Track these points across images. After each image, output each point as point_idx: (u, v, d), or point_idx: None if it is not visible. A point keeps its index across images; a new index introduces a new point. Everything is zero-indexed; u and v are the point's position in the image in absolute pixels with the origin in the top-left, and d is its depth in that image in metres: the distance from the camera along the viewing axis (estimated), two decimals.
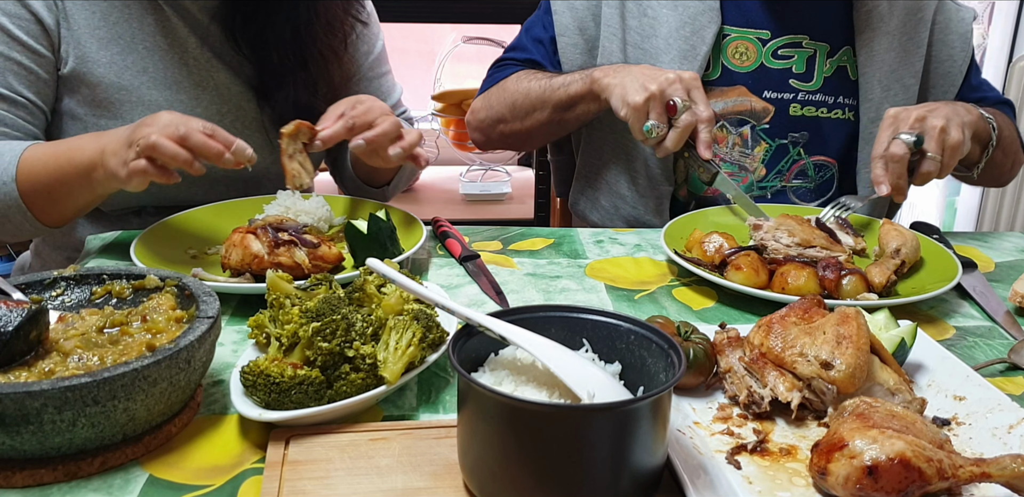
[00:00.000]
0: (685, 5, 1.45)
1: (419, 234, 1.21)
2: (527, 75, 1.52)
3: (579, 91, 1.41)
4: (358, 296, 0.90)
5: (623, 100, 1.29)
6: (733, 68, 1.47)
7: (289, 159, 1.21)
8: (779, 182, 1.52)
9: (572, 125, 1.53)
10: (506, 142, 1.65)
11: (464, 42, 2.82)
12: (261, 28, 1.33)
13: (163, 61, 1.31)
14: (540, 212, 2.78)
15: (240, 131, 1.36)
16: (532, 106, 1.48)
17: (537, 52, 1.57)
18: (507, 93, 1.52)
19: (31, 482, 0.73)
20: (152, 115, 1.09)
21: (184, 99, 1.32)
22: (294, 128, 1.21)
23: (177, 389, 0.77)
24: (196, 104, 1.33)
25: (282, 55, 1.35)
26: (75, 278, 0.92)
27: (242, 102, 1.38)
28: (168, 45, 1.31)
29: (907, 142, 1.24)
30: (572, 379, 0.70)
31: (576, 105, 1.44)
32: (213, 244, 1.22)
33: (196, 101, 1.33)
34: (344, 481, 0.72)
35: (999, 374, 0.97)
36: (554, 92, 1.44)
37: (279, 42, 1.34)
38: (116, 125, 1.26)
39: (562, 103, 1.44)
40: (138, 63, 1.30)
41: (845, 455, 0.69)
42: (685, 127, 1.27)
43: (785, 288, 1.10)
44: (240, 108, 1.38)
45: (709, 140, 1.30)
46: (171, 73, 1.32)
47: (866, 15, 1.46)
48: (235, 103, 1.37)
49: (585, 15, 1.52)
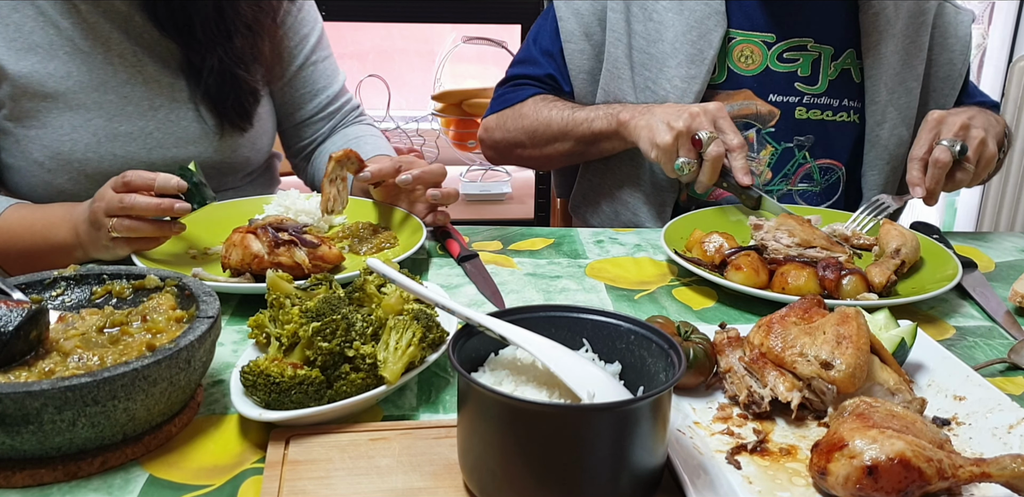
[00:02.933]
0: (691, 9, 1.44)
1: (419, 234, 1.21)
2: (546, 102, 1.51)
3: (603, 129, 1.41)
4: (358, 296, 0.90)
5: (651, 143, 1.30)
6: (739, 72, 1.47)
7: (329, 183, 1.23)
8: (785, 185, 1.51)
9: (594, 156, 1.53)
10: (523, 164, 1.67)
11: (464, 42, 2.82)
12: (183, 5, 1.30)
13: (86, 63, 1.29)
14: (540, 212, 2.78)
15: (176, 122, 1.34)
16: (554, 137, 1.49)
17: (550, 66, 1.56)
18: (526, 120, 1.51)
19: (31, 482, 0.73)
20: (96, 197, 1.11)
21: (113, 99, 1.30)
22: (343, 154, 1.23)
23: (177, 389, 0.77)
24: (126, 103, 1.31)
25: (206, 28, 1.32)
26: (75, 278, 0.92)
27: (174, 92, 1.35)
28: (90, 47, 1.29)
29: (952, 150, 1.25)
30: (572, 379, 0.70)
31: (600, 142, 1.45)
32: (213, 244, 1.22)
33: (126, 100, 1.31)
34: (344, 481, 0.72)
35: (999, 374, 0.97)
36: (577, 126, 1.44)
37: (202, 16, 1.31)
38: (46, 135, 1.27)
39: (586, 138, 1.45)
40: (60, 69, 1.27)
41: (845, 455, 0.69)
42: (714, 160, 1.27)
43: (785, 288, 1.10)
44: (173, 100, 1.35)
45: (745, 167, 1.30)
46: (96, 75, 1.29)
47: (873, 18, 1.46)
48: (167, 95, 1.34)
49: (591, 20, 1.52)
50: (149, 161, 1.33)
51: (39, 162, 1.29)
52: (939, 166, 1.26)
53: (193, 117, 1.36)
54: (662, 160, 1.30)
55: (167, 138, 1.34)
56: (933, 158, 1.26)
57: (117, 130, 1.30)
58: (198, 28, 1.31)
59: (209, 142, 1.37)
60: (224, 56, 1.34)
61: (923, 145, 1.28)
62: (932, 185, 1.27)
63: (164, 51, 1.34)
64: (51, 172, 1.29)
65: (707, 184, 1.30)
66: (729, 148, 1.28)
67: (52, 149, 1.28)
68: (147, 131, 1.32)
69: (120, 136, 1.31)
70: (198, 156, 1.36)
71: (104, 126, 1.30)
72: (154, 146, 1.33)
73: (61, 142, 1.28)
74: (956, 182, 1.29)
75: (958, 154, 1.26)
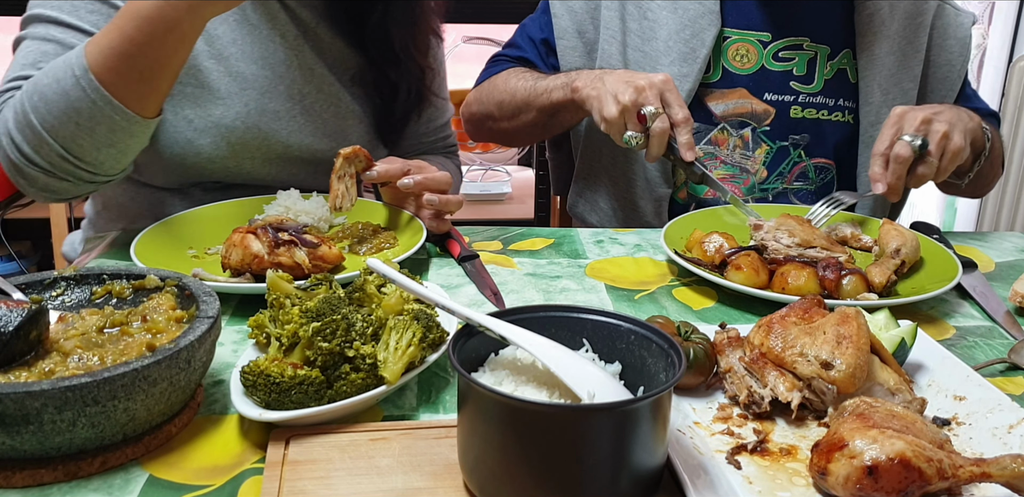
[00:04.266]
0: (685, 8, 1.44)
1: (419, 235, 1.21)
2: (516, 73, 1.52)
3: (560, 99, 1.41)
4: (358, 296, 0.90)
5: (600, 114, 1.30)
6: (734, 70, 1.47)
7: (338, 180, 1.23)
8: (780, 184, 1.52)
9: (557, 130, 1.54)
10: (495, 138, 1.68)
11: (464, 42, 2.82)
12: (380, 22, 1.36)
13: (251, 35, 1.31)
14: (540, 212, 2.78)
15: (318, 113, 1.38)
16: (518, 107, 1.49)
17: (530, 51, 1.57)
18: (496, 91, 1.53)
19: (31, 482, 0.73)
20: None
21: (269, 75, 1.32)
22: (352, 152, 1.24)
23: (177, 389, 0.77)
24: (280, 82, 1.33)
25: (401, 47, 1.38)
26: (75, 278, 0.92)
27: (323, 83, 1.38)
28: (259, 20, 1.32)
29: (912, 145, 1.24)
30: (572, 379, 0.70)
31: (559, 112, 1.45)
32: (213, 244, 1.22)
33: (280, 79, 1.33)
34: (344, 481, 0.72)
35: (999, 374, 0.97)
36: (538, 96, 1.45)
37: (399, 33, 1.37)
38: (203, 95, 1.29)
39: (545, 109, 1.45)
40: (228, 34, 1.30)
41: (845, 455, 0.69)
42: (659, 134, 1.27)
43: (785, 288, 1.10)
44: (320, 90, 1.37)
45: (690, 142, 1.29)
46: (258, 48, 1.32)
47: (867, 18, 1.46)
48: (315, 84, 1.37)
49: (584, 18, 1.52)
50: (287, 143, 1.35)
51: (188, 119, 1.29)
52: (899, 161, 1.24)
53: (333, 112, 1.39)
54: (611, 132, 1.30)
55: (307, 125, 1.36)
56: (893, 153, 1.25)
57: (267, 106, 1.32)
58: (396, 44, 1.37)
59: (343, 141, 1.38)
60: (419, 74, 1.41)
61: (885, 141, 1.27)
62: (893, 180, 1.26)
63: (338, 61, 1.39)
64: (197, 131, 1.29)
65: (656, 156, 1.30)
66: (675, 122, 1.28)
67: (205, 109, 1.29)
68: (292, 114, 1.35)
69: (268, 112, 1.32)
70: (329, 150, 1.36)
71: (257, 99, 1.31)
72: (294, 130, 1.35)
73: (215, 104, 1.29)
74: (919, 177, 1.27)
75: (918, 148, 1.24)
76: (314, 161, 1.40)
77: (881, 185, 1.26)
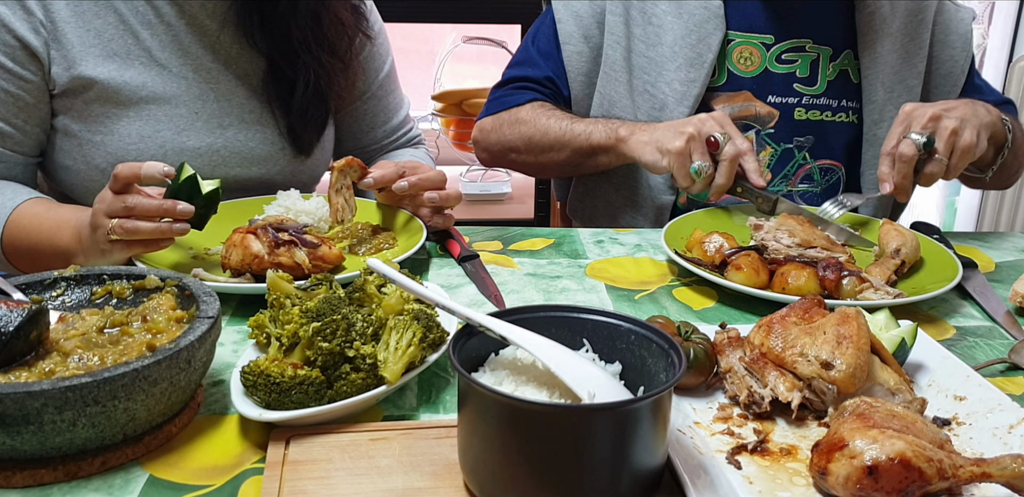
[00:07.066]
0: (690, 12, 1.44)
1: (419, 235, 1.21)
2: (544, 110, 1.50)
3: (601, 143, 1.40)
4: (358, 296, 0.90)
5: (662, 150, 1.28)
6: (738, 73, 1.47)
7: (336, 193, 1.23)
8: (785, 186, 1.51)
9: (589, 170, 1.52)
10: (515, 168, 1.65)
11: (464, 42, 2.82)
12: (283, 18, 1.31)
13: (161, 76, 1.29)
14: (540, 212, 2.78)
15: (243, 142, 1.34)
16: (550, 146, 1.47)
17: (549, 68, 1.55)
18: (523, 126, 1.50)
19: (31, 482, 0.73)
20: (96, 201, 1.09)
21: (184, 113, 1.30)
22: (345, 163, 1.23)
23: (177, 389, 0.77)
24: (196, 118, 1.31)
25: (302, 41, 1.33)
26: (75, 278, 0.92)
27: (245, 112, 1.34)
28: (167, 59, 1.29)
29: (917, 143, 1.23)
30: (572, 379, 0.70)
31: (597, 155, 1.44)
32: (213, 244, 1.22)
33: (196, 115, 1.31)
34: (344, 481, 0.72)
35: (999, 374, 0.97)
36: (575, 137, 1.43)
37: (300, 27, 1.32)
38: (112, 143, 1.27)
39: (583, 150, 1.44)
40: (136, 79, 1.27)
41: (845, 455, 0.69)
42: (733, 158, 1.26)
43: (785, 288, 1.10)
44: (243, 120, 1.34)
45: (759, 168, 1.29)
46: (170, 88, 1.29)
47: (868, 17, 1.46)
48: (238, 114, 1.34)
49: (590, 23, 1.51)
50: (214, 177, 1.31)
51: (100, 168, 1.28)
52: (903, 160, 1.23)
53: (260, 138, 1.36)
54: (676, 165, 1.27)
55: (232, 157, 1.34)
56: (898, 152, 1.24)
57: (184, 145, 1.30)
58: (295, 39, 1.32)
59: (273, 164, 1.38)
60: (319, 71, 1.35)
61: (892, 139, 1.26)
62: (899, 180, 1.25)
63: (246, 67, 1.35)
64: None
65: (724, 186, 1.27)
66: (739, 151, 1.27)
67: (116, 157, 1.27)
68: (214, 148, 1.32)
69: (187, 151, 1.30)
70: (260, 177, 1.36)
71: (172, 139, 1.29)
72: (219, 164, 1.33)
73: (127, 151, 1.28)
74: (928, 175, 1.25)
75: (924, 146, 1.23)
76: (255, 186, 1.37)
77: (888, 185, 1.26)
